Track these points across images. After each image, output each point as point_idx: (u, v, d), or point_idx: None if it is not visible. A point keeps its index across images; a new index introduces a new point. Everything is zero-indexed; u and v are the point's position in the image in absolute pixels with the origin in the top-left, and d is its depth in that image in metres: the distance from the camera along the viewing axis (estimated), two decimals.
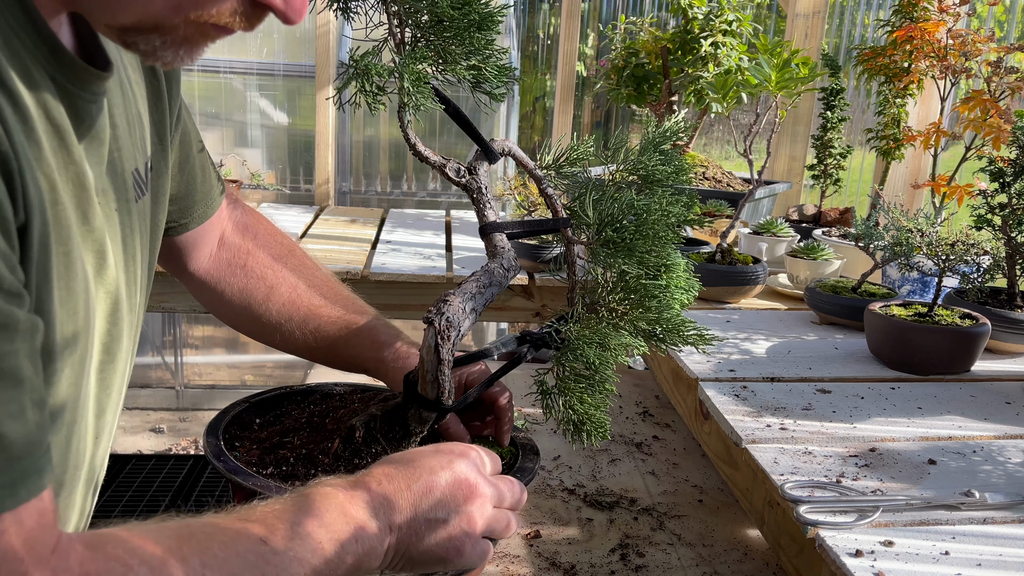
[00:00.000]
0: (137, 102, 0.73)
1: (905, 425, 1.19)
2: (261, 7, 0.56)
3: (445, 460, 0.68)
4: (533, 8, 4.82)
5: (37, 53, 0.54)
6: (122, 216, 0.69)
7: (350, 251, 2.30)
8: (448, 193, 3.79)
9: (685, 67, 2.46)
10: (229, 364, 3.79)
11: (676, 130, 0.96)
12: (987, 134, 1.53)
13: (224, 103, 3.43)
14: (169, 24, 0.55)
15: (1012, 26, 3.28)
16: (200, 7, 0.54)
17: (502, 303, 2.13)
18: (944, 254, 1.41)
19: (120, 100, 0.69)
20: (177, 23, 0.55)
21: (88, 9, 0.55)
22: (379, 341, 0.94)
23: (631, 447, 1.53)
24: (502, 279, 0.84)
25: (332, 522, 0.60)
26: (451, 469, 0.67)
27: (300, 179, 3.56)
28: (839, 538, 0.88)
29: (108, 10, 0.54)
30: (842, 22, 4.02)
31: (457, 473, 0.67)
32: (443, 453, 0.69)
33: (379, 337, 0.94)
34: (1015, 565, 0.85)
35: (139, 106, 0.74)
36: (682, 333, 0.89)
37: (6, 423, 0.45)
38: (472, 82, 0.81)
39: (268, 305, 0.97)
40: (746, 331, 1.64)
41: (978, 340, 1.40)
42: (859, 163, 3.86)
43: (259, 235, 1.02)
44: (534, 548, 1.18)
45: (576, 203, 0.87)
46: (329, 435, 0.80)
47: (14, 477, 0.45)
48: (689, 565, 1.16)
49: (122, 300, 0.69)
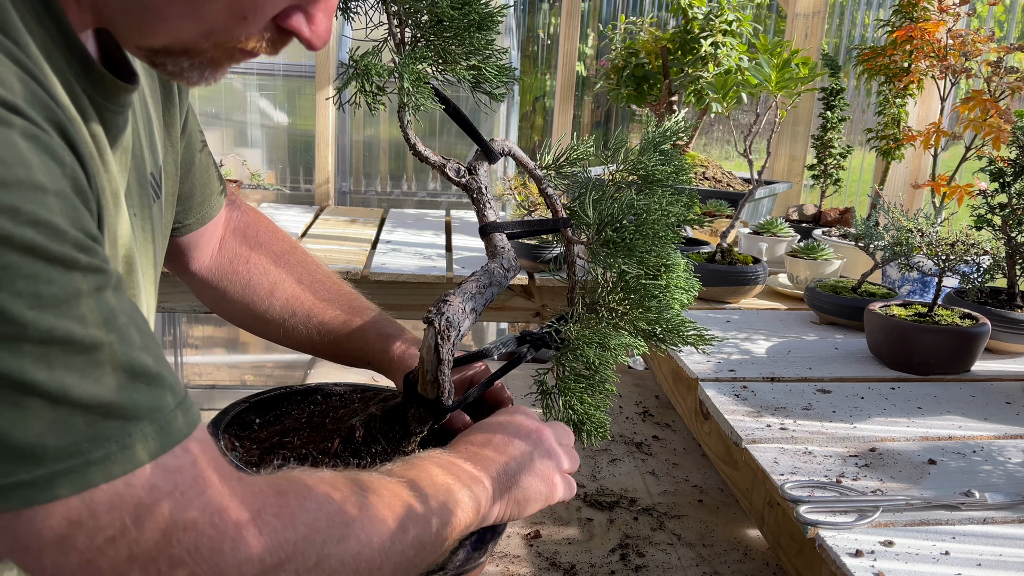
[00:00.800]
0: (148, 106, 0.74)
1: (905, 425, 1.19)
2: (287, 33, 0.57)
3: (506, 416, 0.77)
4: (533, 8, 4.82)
5: (70, 68, 0.55)
6: (143, 221, 0.71)
7: (350, 251, 2.30)
8: (448, 193, 3.79)
9: (685, 67, 2.46)
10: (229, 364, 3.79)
11: (676, 130, 0.96)
12: (987, 134, 1.53)
13: (224, 103, 3.43)
14: (198, 48, 0.56)
15: (1012, 26, 3.28)
16: (230, 33, 0.55)
17: (502, 303, 2.13)
18: (944, 254, 1.41)
19: (138, 106, 0.71)
20: (206, 47, 0.56)
21: (119, 30, 0.57)
22: (384, 333, 0.94)
23: (631, 447, 1.53)
24: (502, 279, 0.84)
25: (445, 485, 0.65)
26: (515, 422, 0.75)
27: (300, 179, 3.56)
28: (839, 538, 0.88)
29: (140, 33, 0.55)
30: (842, 22, 4.02)
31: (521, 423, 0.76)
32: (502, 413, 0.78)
33: (384, 330, 0.95)
34: (1015, 565, 0.85)
35: (151, 109, 0.75)
36: (682, 333, 0.89)
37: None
38: (472, 82, 0.81)
39: (271, 301, 0.97)
40: (746, 331, 1.64)
41: (978, 340, 1.40)
42: (859, 163, 3.86)
43: (260, 234, 1.02)
44: (534, 548, 1.18)
45: (576, 203, 0.87)
46: (329, 435, 0.80)
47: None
48: (689, 565, 1.16)
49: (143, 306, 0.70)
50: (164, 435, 0.48)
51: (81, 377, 0.45)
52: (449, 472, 0.67)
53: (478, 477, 0.68)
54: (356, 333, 0.96)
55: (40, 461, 0.43)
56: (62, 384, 0.44)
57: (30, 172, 0.44)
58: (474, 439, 0.73)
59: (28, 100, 0.46)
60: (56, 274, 0.44)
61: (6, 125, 0.44)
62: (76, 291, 0.45)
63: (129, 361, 0.47)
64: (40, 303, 0.43)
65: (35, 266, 0.43)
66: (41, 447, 0.43)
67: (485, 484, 0.68)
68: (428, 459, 0.68)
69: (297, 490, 0.55)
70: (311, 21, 0.57)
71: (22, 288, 0.42)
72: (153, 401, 0.48)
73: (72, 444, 0.44)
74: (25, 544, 0.45)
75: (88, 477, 0.45)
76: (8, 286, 0.42)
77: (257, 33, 0.56)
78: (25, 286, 0.42)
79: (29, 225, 0.43)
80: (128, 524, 0.46)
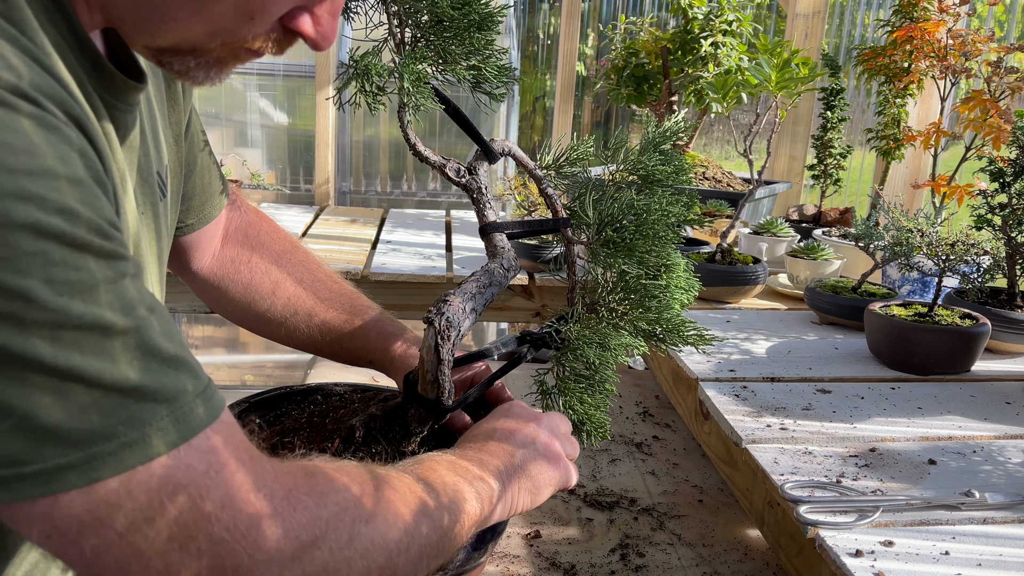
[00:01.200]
0: (154, 106, 0.75)
1: (905, 425, 1.19)
2: (292, 33, 0.58)
3: (501, 413, 0.77)
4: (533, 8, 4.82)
5: (81, 67, 0.56)
6: (149, 219, 0.71)
7: (350, 251, 2.30)
8: (448, 193, 3.79)
9: (685, 67, 2.46)
10: (229, 364, 3.79)
11: (676, 130, 0.96)
12: (987, 134, 1.53)
13: (224, 103, 3.43)
14: (205, 48, 0.57)
15: (1012, 26, 3.28)
16: (237, 33, 0.56)
17: (502, 303, 2.13)
18: (944, 254, 1.41)
19: (144, 106, 0.71)
20: (213, 47, 0.57)
21: (126, 30, 0.57)
22: (385, 332, 0.95)
23: (631, 447, 1.53)
24: (502, 279, 0.84)
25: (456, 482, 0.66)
26: (513, 413, 0.77)
27: (300, 179, 3.56)
28: (839, 538, 0.88)
29: (148, 32, 0.56)
30: (842, 22, 4.02)
31: (519, 413, 0.77)
32: (496, 413, 0.78)
33: (385, 328, 0.95)
34: (1015, 565, 0.85)
35: (156, 108, 0.76)
36: (682, 333, 0.89)
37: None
38: (472, 82, 0.81)
39: (273, 301, 0.98)
40: (746, 331, 1.64)
41: (978, 340, 1.40)
42: (859, 163, 3.86)
43: (261, 234, 1.02)
44: (534, 548, 1.18)
45: (576, 203, 0.87)
46: (329, 435, 0.80)
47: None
48: (689, 565, 1.16)
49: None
50: (194, 418, 0.49)
51: (112, 362, 0.46)
52: (454, 470, 0.67)
53: (481, 476, 0.68)
54: (357, 332, 0.96)
55: (77, 444, 0.44)
56: (93, 368, 0.45)
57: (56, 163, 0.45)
58: (475, 438, 0.74)
59: (46, 93, 0.47)
60: (85, 261, 0.45)
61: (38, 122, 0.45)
62: (103, 277, 0.46)
63: (156, 346, 0.48)
64: (70, 289, 0.44)
65: (63, 253, 0.44)
66: (78, 431, 0.44)
67: (489, 483, 0.68)
68: (432, 459, 0.68)
69: (324, 471, 0.57)
70: (317, 22, 0.58)
71: (52, 275, 0.43)
72: (181, 385, 0.49)
73: (108, 427, 0.45)
74: (64, 529, 0.45)
75: (124, 459, 0.46)
76: (38, 272, 0.43)
77: (263, 33, 0.57)
78: (54, 273, 0.43)
79: (56, 213, 0.43)
80: (167, 504, 0.47)
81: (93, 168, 0.48)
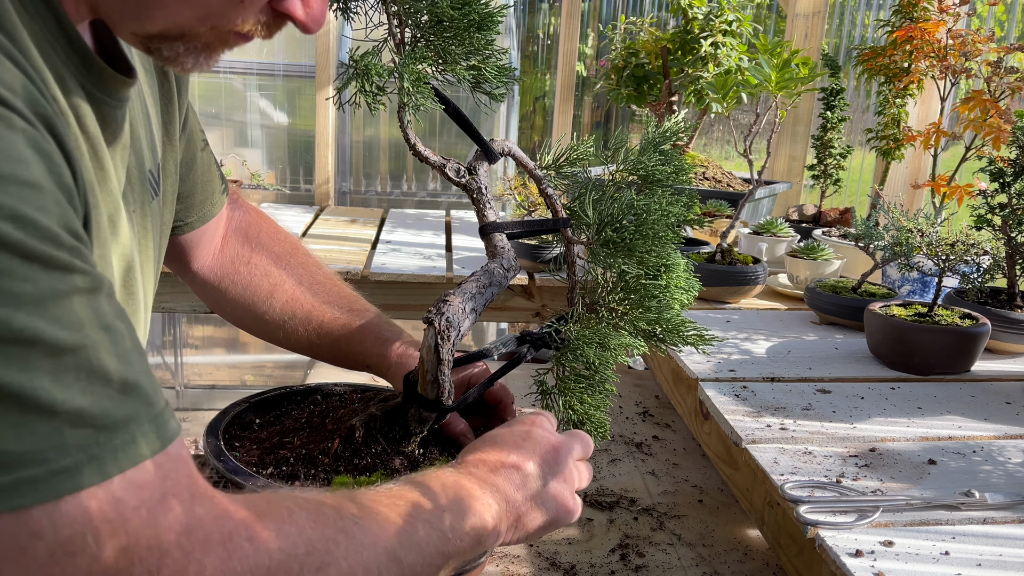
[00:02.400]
0: (147, 104, 0.74)
1: (905, 425, 1.19)
2: (282, 16, 0.58)
3: (524, 430, 0.73)
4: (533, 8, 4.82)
5: (69, 62, 0.55)
6: (141, 219, 0.70)
7: (350, 251, 2.30)
8: (448, 193, 3.78)
9: (685, 67, 2.46)
10: (229, 364, 3.79)
11: (676, 130, 0.96)
12: (987, 134, 1.53)
13: (224, 103, 3.43)
14: (195, 32, 0.56)
15: (1012, 26, 3.28)
16: (226, 17, 0.55)
17: (502, 303, 2.13)
18: (944, 254, 1.41)
19: (136, 102, 0.70)
20: (202, 31, 0.56)
21: (115, 19, 0.56)
22: (382, 337, 0.94)
23: (631, 447, 1.53)
24: (502, 279, 0.84)
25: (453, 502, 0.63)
26: (532, 438, 0.72)
27: (300, 179, 3.56)
28: (839, 538, 0.88)
29: (136, 19, 0.55)
30: (842, 22, 4.02)
31: (539, 439, 0.72)
32: (519, 423, 0.74)
33: (382, 333, 0.95)
34: (1015, 565, 0.85)
35: (149, 106, 0.75)
36: (682, 333, 0.89)
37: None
38: (472, 82, 0.81)
39: (271, 303, 0.97)
40: (746, 331, 1.64)
41: (978, 340, 1.40)
42: (859, 163, 3.86)
43: (262, 233, 1.02)
44: (534, 548, 1.18)
45: (576, 203, 0.87)
46: (329, 435, 0.80)
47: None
48: (689, 565, 1.16)
49: (140, 303, 0.70)
50: (135, 448, 0.46)
51: (51, 381, 0.42)
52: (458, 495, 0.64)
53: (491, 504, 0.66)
54: (354, 336, 0.95)
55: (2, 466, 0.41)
56: (30, 387, 0.42)
57: (13, 166, 0.42)
58: (487, 457, 0.70)
59: (12, 89, 0.45)
60: (32, 272, 0.42)
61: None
62: (50, 291, 0.43)
63: (104, 368, 0.45)
64: (14, 301, 0.41)
65: (10, 262, 0.41)
66: (3, 452, 0.41)
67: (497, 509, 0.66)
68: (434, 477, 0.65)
69: (276, 513, 0.52)
70: (307, 4, 0.57)
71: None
72: (127, 412, 0.46)
73: (37, 451, 0.42)
74: None
75: (52, 487, 0.42)
76: None
77: (253, 16, 0.56)
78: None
79: (6, 220, 0.41)
80: (89, 540, 0.44)
81: (56, 172, 0.46)
